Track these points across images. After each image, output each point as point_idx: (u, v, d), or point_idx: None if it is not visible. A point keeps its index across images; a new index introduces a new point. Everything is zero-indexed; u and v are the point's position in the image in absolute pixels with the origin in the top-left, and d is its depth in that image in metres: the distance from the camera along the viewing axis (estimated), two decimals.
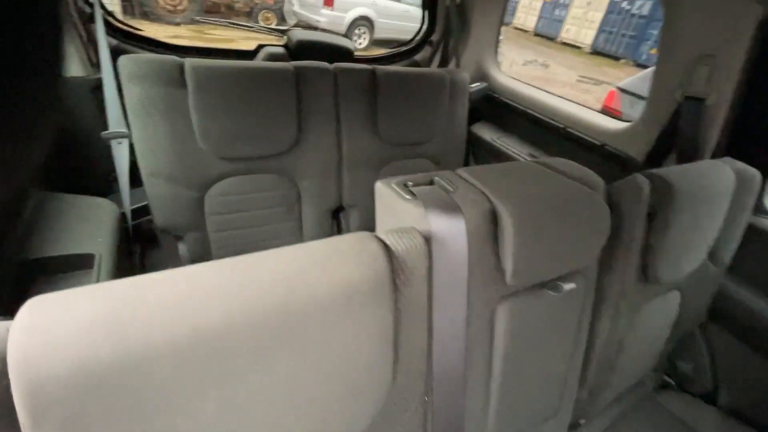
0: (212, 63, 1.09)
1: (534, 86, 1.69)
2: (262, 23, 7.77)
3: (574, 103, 1.54)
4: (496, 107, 1.78)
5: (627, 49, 10.27)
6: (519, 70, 8.28)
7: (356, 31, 7.64)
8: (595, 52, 10.99)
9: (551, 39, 12.03)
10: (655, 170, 0.76)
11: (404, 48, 1.96)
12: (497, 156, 1.64)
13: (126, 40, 1.41)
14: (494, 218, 0.57)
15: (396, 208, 0.58)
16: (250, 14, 7.83)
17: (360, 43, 7.74)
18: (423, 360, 0.54)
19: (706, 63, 1.01)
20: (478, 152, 1.74)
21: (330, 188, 1.39)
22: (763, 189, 0.98)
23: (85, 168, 1.34)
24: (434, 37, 1.88)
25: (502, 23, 1.76)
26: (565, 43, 11.67)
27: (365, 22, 7.68)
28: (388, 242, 0.48)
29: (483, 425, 0.69)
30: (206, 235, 1.24)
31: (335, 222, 1.49)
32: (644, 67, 7.96)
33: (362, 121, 1.38)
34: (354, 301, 0.42)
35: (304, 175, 1.33)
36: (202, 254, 1.26)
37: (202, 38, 6.75)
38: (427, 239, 0.51)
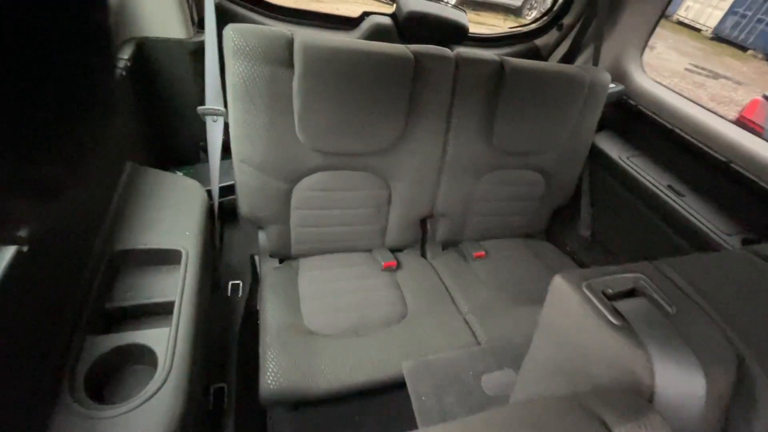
0: (324, 42, 0.93)
1: (689, 99, 1.36)
2: None
3: (743, 130, 1.21)
4: (628, 116, 1.47)
5: (760, 39, 8.62)
6: None
7: None
8: (717, 37, 9.35)
9: (665, 17, 10.38)
10: None
11: (525, 28, 1.67)
12: (622, 178, 1.37)
13: None
14: (739, 373, 0.39)
15: (585, 326, 0.41)
16: None
17: (447, 1, 7.13)
18: None
19: None
20: (597, 168, 1.47)
21: (424, 194, 1.23)
22: None
23: (176, 135, 1.28)
24: (566, 21, 1.56)
25: (663, 14, 1.41)
26: (681, 23, 10.03)
27: None
28: (606, 419, 0.32)
29: None
30: (288, 228, 1.15)
31: (421, 230, 1.34)
32: None
33: (476, 122, 1.17)
34: None
35: (400, 176, 1.17)
36: (281, 246, 1.18)
37: None
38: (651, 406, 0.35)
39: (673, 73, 6.99)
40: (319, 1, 5.44)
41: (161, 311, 0.74)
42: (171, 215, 0.89)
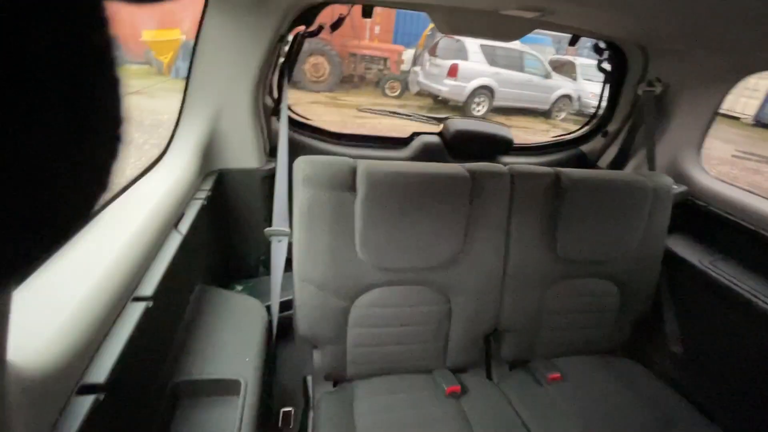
0: (385, 166, 0.99)
1: (762, 195, 1.27)
2: (388, 92, 8.41)
3: None
4: (698, 218, 1.38)
5: None
6: None
7: (476, 99, 7.73)
8: (759, 123, 9.26)
9: None
10: None
11: (570, 136, 1.72)
12: (708, 288, 1.23)
13: (295, 128, 1.45)
14: None
15: None
16: (378, 83, 8.57)
17: (478, 111, 7.78)
18: None
19: None
20: (677, 275, 1.34)
21: (487, 307, 1.15)
22: None
23: (241, 252, 1.35)
24: (611, 128, 1.60)
25: (717, 112, 1.41)
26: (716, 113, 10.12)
27: (486, 90, 7.76)
28: None
29: None
30: (344, 348, 1.10)
31: (486, 347, 1.23)
32: None
33: (538, 232, 1.14)
34: None
35: (461, 290, 1.12)
36: (336, 367, 1.11)
37: (335, 103, 7.54)
38: None
39: (721, 161, 6.83)
40: (362, 118, 6.15)
41: None
42: (232, 340, 0.88)
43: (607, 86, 1.61)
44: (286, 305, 1.13)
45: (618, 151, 1.56)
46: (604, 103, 1.67)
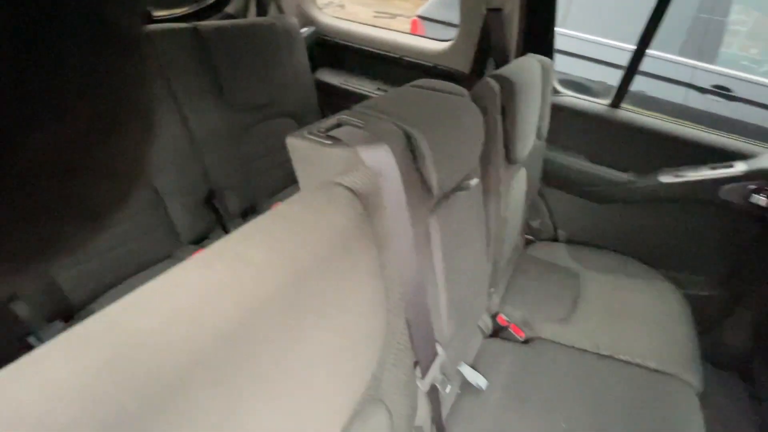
0: None
1: (361, 23, 1.74)
2: None
3: (401, 33, 1.66)
4: (330, 50, 1.77)
5: None
6: None
7: None
8: None
9: None
10: (497, 72, 0.92)
11: (209, 1, 1.72)
12: (349, 98, 1.68)
13: None
14: (410, 142, 0.62)
15: (320, 157, 0.57)
16: None
17: None
18: (400, 285, 0.58)
19: None
20: (330, 99, 1.73)
21: (192, 177, 1.22)
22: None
23: None
24: None
25: None
26: None
27: None
28: (349, 185, 0.48)
29: (441, 329, 0.80)
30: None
31: (212, 210, 1.33)
32: None
33: (203, 89, 1.20)
34: (346, 248, 0.42)
35: (158, 169, 1.12)
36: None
37: None
38: (373, 174, 0.53)
39: (367, 21, 8.39)
40: None
41: None
42: None
43: None
44: None
45: (257, 6, 1.71)
46: None
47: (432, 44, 1.56)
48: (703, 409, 0.90)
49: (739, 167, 1.16)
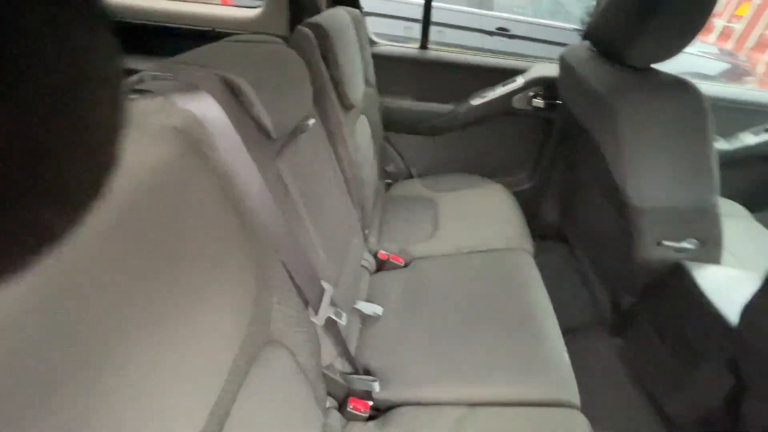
0: None
1: None
2: None
3: (207, 5, 1.53)
4: (125, 34, 1.53)
5: None
6: None
7: None
8: None
9: None
10: (308, 20, 0.94)
11: None
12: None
13: None
14: (233, 89, 0.60)
15: (134, 111, 0.51)
16: None
17: None
18: (264, 227, 0.58)
19: None
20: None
21: None
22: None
23: None
24: None
25: None
26: None
27: None
28: (163, 123, 0.45)
29: (324, 269, 0.82)
30: None
31: None
32: None
33: None
34: (177, 182, 0.40)
35: None
36: None
37: None
38: (197, 124, 0.50)
39: None
40: None
41: None
42: None
43: None
44: None
45: None
46: None
47: (243, 12, 1.49)
48: (538, 266, 1.17)
49: (520, 81, 1.47)
